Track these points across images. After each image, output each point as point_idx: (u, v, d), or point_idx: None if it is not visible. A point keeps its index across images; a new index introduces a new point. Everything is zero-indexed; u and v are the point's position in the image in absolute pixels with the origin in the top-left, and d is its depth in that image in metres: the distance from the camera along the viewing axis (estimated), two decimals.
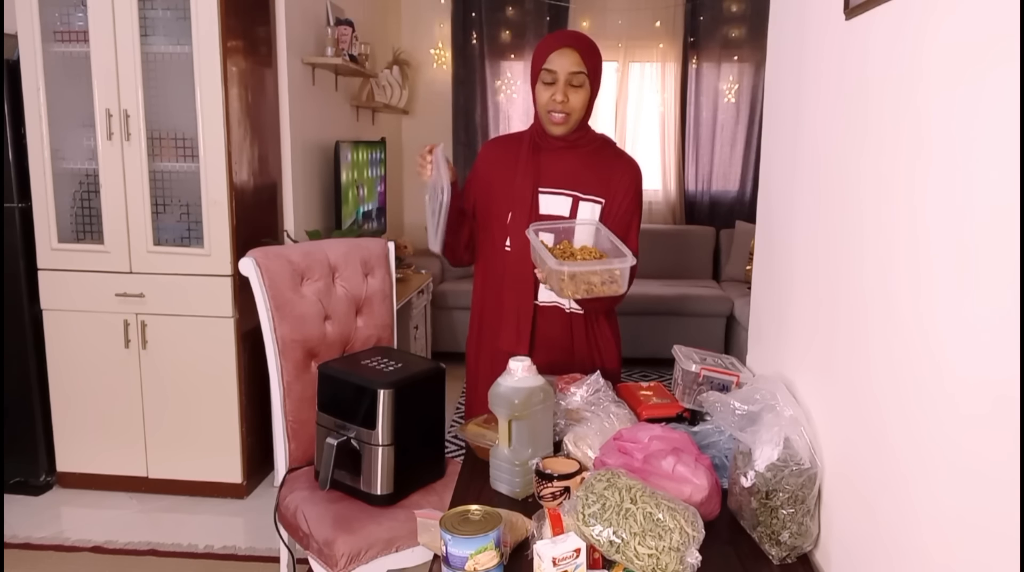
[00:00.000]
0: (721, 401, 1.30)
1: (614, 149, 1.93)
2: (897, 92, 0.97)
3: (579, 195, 1.85)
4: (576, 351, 1.92)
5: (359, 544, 1.71)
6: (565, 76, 1.77)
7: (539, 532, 1.14)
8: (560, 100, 1.77)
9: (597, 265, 1.62)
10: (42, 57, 2.74)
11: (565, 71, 1.76)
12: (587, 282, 1.60)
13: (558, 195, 1.85)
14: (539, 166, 1.85)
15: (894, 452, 0.96)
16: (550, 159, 1.86)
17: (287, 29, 3.19)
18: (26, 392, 2.92)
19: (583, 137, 1.87)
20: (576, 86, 1.78)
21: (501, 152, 1.94)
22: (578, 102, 1.79)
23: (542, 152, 1.87)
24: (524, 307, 1.86)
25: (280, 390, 1.97)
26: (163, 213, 2.87)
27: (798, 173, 1.38)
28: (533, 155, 1.86)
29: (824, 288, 1.23)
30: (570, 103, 1.78)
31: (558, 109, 1.78)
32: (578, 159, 1.86)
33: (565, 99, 1.77)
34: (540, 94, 1.80)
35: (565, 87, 1.77)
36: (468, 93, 5.23)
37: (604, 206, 1.86)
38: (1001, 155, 0.73)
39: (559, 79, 1.77)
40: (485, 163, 1.96)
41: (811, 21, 1.32)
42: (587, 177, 1.86)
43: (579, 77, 1.77)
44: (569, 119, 1.80)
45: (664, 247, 5.04)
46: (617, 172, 1.88)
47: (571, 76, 1.77)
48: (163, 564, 2.52)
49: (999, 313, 0.73)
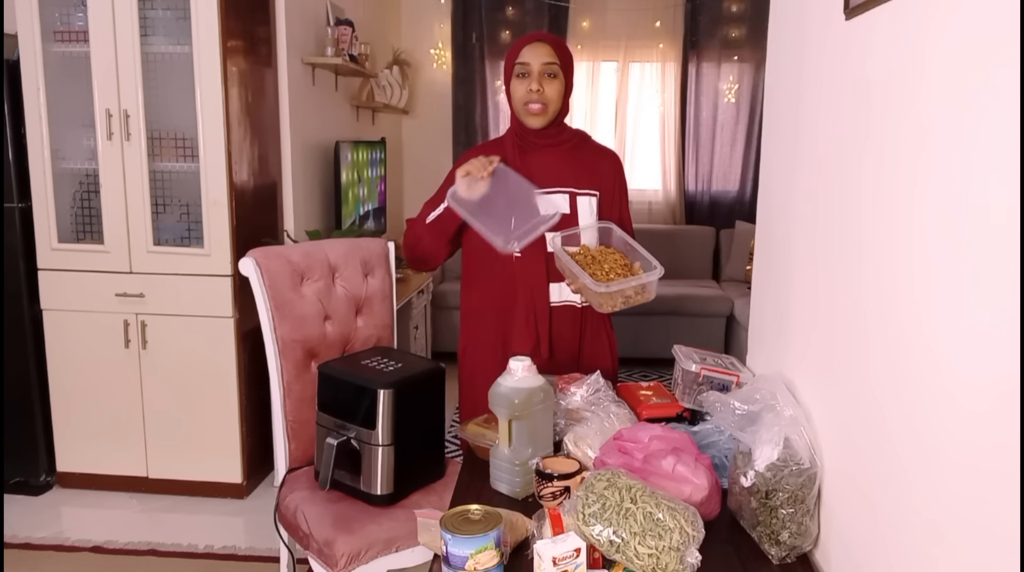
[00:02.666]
0: (721, 401, 1.30)
1: (593, 142, 1.98)
2: (897, 92, 0.97)
3: (575, 190, 1.87)
4: (584, 348, 1.94)
5: (359, 544, 1.71)
6: (539, 67, 1.81)
7: (539, 532, 1.15)
8: (536, 89, 1.80)
9: (633, 281, 1.68)
10: (42, 57, 2.73)
11: (538, 62, 1.81)
12: (624, 296, 1.69)
13: (555, 193, 1.86)
14: (528, 168, 1.85)
15: (894, 452, 0.96)
16: (537, 159, 1.87)
17: (287, 29, 3.19)
18: (26, 392, 2.92)
19: (563, 132, 1.91)
20: (551, 76, 1.82)
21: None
22: (553, 92, 1.83)
23: (527, 154, 1.88)
24: (541, 310, 1.87)
25: (280, 390, 1.97)
26: (163, 213, 2.87)
27: (798, 173, 1.38)
28: (520, 158, 1.87)
29: (824, 288, 1.23)
30: (545, 93, 1.81)
31: (535, 99, 1.81)
32: (563, 155, 1.89)
33: (540, 88, 1.81)
34: (516, 88, 1.84)
35: (540, 77, 1.81)
36: (468, 93, 5.23)
37: (599, 198, 1.90)
38: (1001, 155, 0.74)
39: (532, 70, 1.81)
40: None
41: (811, 21, 1.32)
42: (577, 171, 1.88)
43: (552, 67, 1.82)
44: (547, 110, 1.83)
45: (664, 247, 5.00)
46: (604, 164, 1.94)
47: (545, 67, 1.81)
48: (163, 564, 2.52)
49: (999, 311, 0.73)
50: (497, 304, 1.91)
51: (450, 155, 5.33)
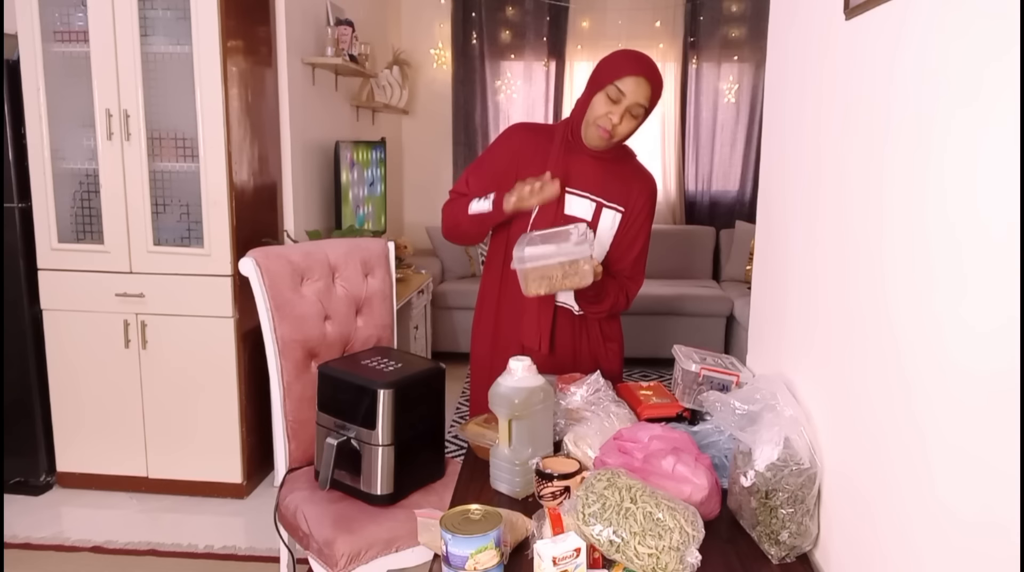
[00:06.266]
0: (721, 401, 1.30)
1: (635, 162, 1.95)
2: (897, 92, 0.97)
3: (603, 202, 1.87)
4: (583, 351, 1.95)
5: (359, 544, 1.71)
6: (630, 103, 1.75)
7: (539, 532, 1.15)
8: (615, 122, 1.76)
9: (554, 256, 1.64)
10: (42, 57, 2.73)
11: (633, 99, 1.75)
12: (548, 277, 1.65)
13: (584, 198, 1.86)
14: (567, 167, 1.84)
15: (894, 452, 0.96)
16: (578, 162, 1.86)
17: (287, 29, 3.19)
18: (26, 392, 2.92)
19: (612, 148, 1.87)
20: (634, 116, 1.77)
21: (532, 141, 1.90)
22: (627, 130, 1.80)
23: (571, 154, 1.86)
24: (546, 306, 1.88)
25: (280, 390, 1.97)
26: (163, 213, 2.86)
27: (798, 173, 1.38)
28: (563, 155, 1.86)
29: (824, 288, 1.23)
30: (620, 128, 1.78)
31: (608, 127, 1.76)
32: (603, 166, 1.87)
33: (620, 122, 1.76)
34: (597, 106, 1.77)
35: (625, 112, 1.76)
36: (468, 93, 5.23)
37: (623, 216, 1.89)
38: (1001, 154, 0.74)
39: (624, 103, 1.75)
40: (513, 147, 1.91)
41: (811, 21, 1.32)
42: (610, 185, 1.87)
43: (640, 109, 1.77)
44: (611, 141, 1.80)
45: (664, 247, 5.04)
46: (637, 186, 1.91)
47: (635, 106, 1.76)
48: (163, 564, 2.52)
49: (999, 312, 0.73)
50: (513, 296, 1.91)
51: (450, 155, 5.34)
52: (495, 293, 1.97)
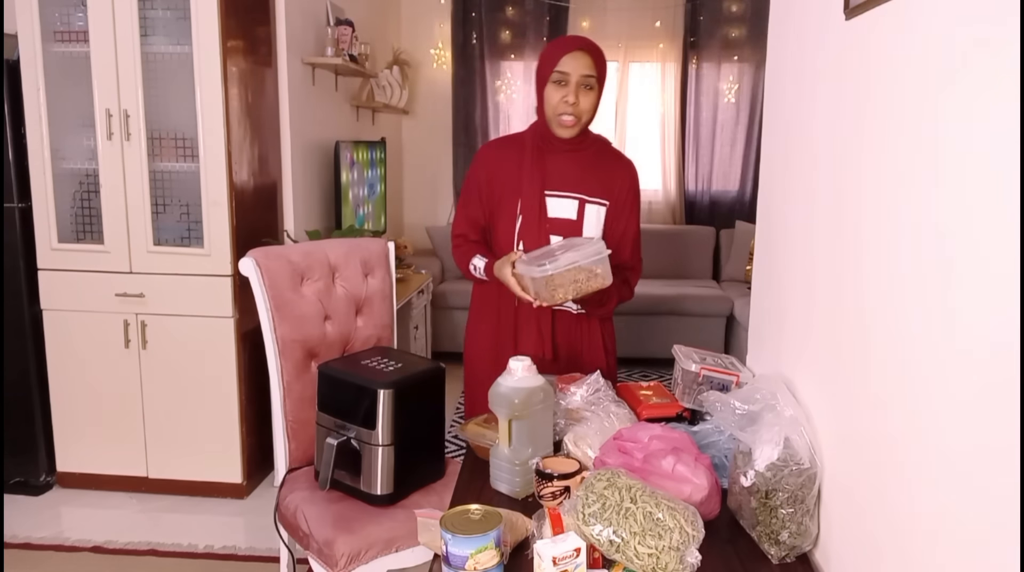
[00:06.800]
0: (721, 401, 1.30)
1: (612, 150, 1.96)
2: (897, 92, 0.97)
3: (585, 198, 1.87)
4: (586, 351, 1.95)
5: (359, 544, 1.71)
6: (577, 78, 1.77)
7: (539, 532, 1.15)
8: (572, 102, 1.78)
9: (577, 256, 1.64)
10: (42, 57, 2.73)
11: (578, 73, 1.77)
12: (574, 281, 1.66)
13: (565, 198, 1.85)
14: (544, 169, 1.85)
15: (894, 452, 0.96)
16: (554, 161, 1.86)
17: (287, 29, 3.19)
18: (26, 392, 2.92)
19: (585, 139, 1.89)
20: (587, 88, 1.79)
21: (502, 155, 1.93)
22: (588, 105, 1.81)
23: (545, 155, 1.87)
24: (544, 312, 1.88)
25: (280, 390, 1.97)
26: (163, 213, 2.86)
27: (798, 173, 1.38)
28: (537, 158, 1.86)
29: (824, 288, 1.23)
30: (580, 106, 1.79)
31: (569, 111, 1.78)
32: (581, 161, 1.87)
33: (576, 101, 1.78)
34: (550, 95, 1.80)
35: (576, 89, 1.78)
36: (468, 93, 5.23)
37: (608, 208, 1.89)
38: (1001, 154, 0.74)
39: (571, 81, 1.77)
40: (486, 168, 1.94)
41: (811, 21, 1.32)
42: (591, 179, 1.87)
43: (590, 80, 1.79)
44: (579, 122, 1.81)
45: (664, 247, 5.04)
46: (618, 174, 1.91)
47: (583, 79, 1.78)
48: (163, 564, 2.52)
49: (999, 312, 0.73)
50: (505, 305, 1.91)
51: (450, 155, 5.34)
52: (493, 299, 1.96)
